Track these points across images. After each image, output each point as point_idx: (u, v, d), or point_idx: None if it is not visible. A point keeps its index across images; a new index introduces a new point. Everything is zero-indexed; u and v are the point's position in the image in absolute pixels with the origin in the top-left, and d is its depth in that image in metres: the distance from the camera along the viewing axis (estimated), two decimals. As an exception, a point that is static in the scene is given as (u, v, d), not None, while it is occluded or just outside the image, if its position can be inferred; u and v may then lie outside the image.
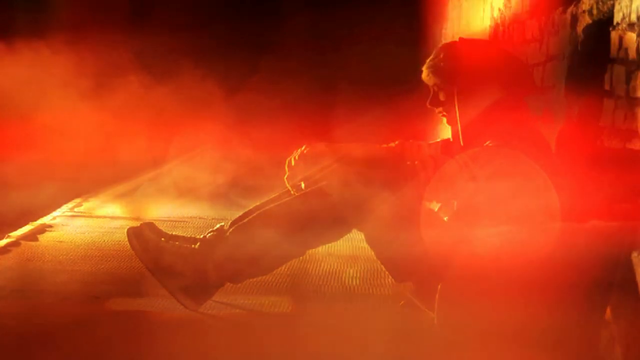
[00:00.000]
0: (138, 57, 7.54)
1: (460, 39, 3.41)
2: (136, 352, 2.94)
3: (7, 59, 5.94)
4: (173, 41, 8.45)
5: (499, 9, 4.78)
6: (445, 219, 3.23)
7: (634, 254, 2.76)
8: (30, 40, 6.04)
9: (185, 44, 8.59)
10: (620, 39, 2.95)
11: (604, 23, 3.13)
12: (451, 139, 3.41)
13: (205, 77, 7.85)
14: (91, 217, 5.41)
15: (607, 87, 3.03)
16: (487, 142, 3.18)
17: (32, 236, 4.64)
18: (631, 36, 2.88)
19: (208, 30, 9.02)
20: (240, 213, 3.41)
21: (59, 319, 3.23)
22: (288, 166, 3.39)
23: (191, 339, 3.06)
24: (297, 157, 3.39)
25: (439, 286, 3.15)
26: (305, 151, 3.39)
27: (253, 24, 9.61)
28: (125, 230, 3.39)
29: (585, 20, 3.33)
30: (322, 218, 3.26)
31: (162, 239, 3.38)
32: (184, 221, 5.33)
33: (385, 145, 3.43)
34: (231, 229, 3.35)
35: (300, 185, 3.34)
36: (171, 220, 5.30)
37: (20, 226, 4.83)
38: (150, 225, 3.39)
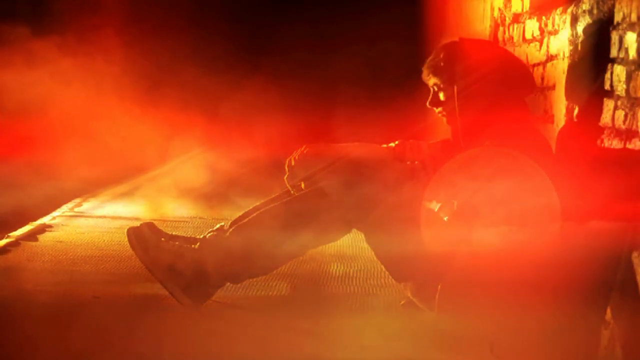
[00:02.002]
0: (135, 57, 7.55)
1: (460, 38, 3.41)
2: (136, 351, 2.94)
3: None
4: (171, 41, 8.44)
5: (499, 9, 4.78)
6: (445, 219, 3.23)
7: (634, 254, 2.76)
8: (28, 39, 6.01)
9: (183, 45, 8.58)
10: (621, 39, 2.95)
11: (604, 23, 3.13)
12: (451, 139, 3.41)
13: (204, 77, 7.84)
14: (91, 217, 5.41)
15: (607, 87, 3.03)
16: (487, 142, 3.18)
17: (32, 236, 4.64)
18: (631, 36, 2.88)
19: (205, 31, 9.01)
20: (240, 213, 3.41)
21: (59, 320, 3.22)
22: (288, 166, 3.39)
23: (191, 339, 3.06)
24: (297, 157, 3.38)
25: (439, 286, 3.15)
26: (305, 151, 3.39)
27: (252, 23, 9.62)
28: (125, 230, 3.39)
29: (586, 20, 3.33)
30: (322, 218, 3.26)
31: (162, 239, 3.38)
32: (184, 221, 5.33)
33: (385, 145, 3.43)
34: (231, 229, 3.35)
35: (300, 185, 3.34)
36: (171, 220, 5.29)
37: (20, 226, 4.83)
38: (150, 225, 3.39)
